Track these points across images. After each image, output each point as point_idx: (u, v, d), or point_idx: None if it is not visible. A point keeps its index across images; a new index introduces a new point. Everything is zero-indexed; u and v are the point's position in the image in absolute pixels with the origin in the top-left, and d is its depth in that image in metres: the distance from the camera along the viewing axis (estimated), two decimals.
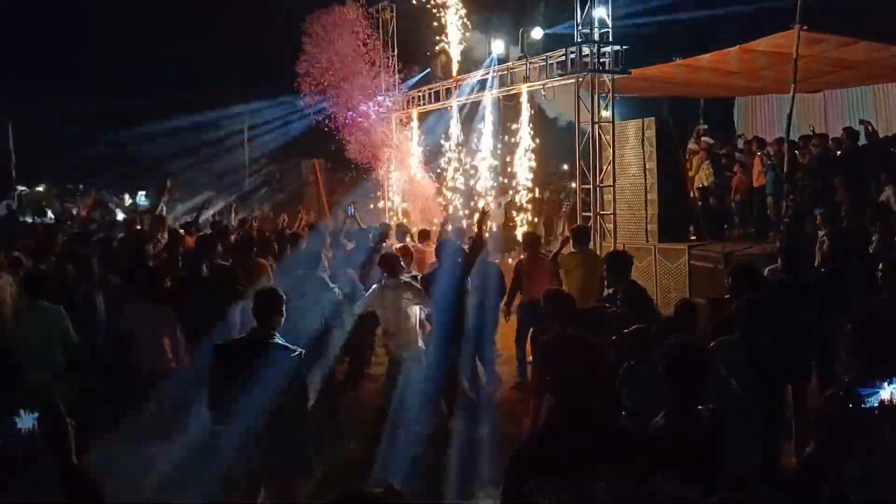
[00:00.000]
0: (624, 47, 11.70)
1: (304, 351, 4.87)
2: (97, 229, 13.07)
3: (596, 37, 11.43)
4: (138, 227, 12.59)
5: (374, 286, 7.57)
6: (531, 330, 8.43)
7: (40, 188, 24.94)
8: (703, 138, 14.16)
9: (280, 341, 4.77)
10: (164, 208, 13.55)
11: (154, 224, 12.04)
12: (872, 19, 12.99)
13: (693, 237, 11.90)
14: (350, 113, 15.62)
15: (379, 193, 17.15)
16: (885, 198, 10.43)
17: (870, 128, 12.47)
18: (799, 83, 10.91)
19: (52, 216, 17.07)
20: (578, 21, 11.53)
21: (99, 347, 7.49)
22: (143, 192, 23.04)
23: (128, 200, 21.65)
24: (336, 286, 7.89)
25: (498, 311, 9.07)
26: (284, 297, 5.02)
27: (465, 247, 9.39)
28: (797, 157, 12.09)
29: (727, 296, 6.15)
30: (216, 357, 4.87)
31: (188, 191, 19.14)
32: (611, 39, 11.55)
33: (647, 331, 5.13)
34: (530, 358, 8.67)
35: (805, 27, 10.15)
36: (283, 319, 4.88)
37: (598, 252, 10.68)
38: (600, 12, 11.35)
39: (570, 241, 9.05)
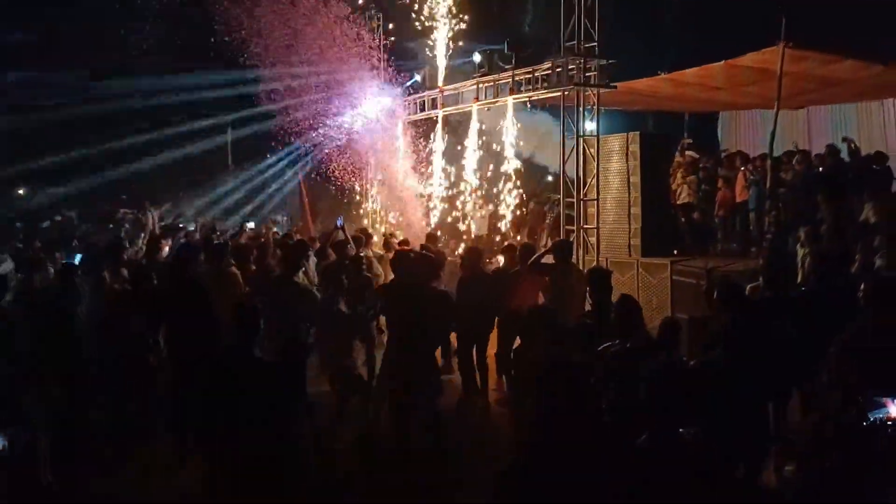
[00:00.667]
0: (609, 61, 11.71)
1: (283, 364, 4.83)
2: None
3: (582, 50, 11.43)
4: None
5: None
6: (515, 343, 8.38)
7: (21, 191, 24.69)
8: (687, 152, 14.20)
9: (259, 355, 4.73)
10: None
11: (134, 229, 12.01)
12: (856, 38, 13.09)
13: (676, 252, 11.91)
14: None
15: (362, 201, 17.14)
16: (866, 216, 10.47)
17: (853, 145, 12.53)
18: (783, 99, 10.99)
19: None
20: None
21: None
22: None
23: None
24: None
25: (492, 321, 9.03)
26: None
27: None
28: (780, 173, 12.15)
29: (709, 314, 6.15)
30: (196, 372, 4.81)
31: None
32: (596, 53, 11.56)
33: (631, 348, 5.10)
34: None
35: (790, 44, 10.22)
36: (260, 332, 4.83)
37: (582, 266, 10.67)
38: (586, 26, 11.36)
39: (552, 253, 9.01)
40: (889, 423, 3.53)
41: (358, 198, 17.42)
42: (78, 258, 10.55)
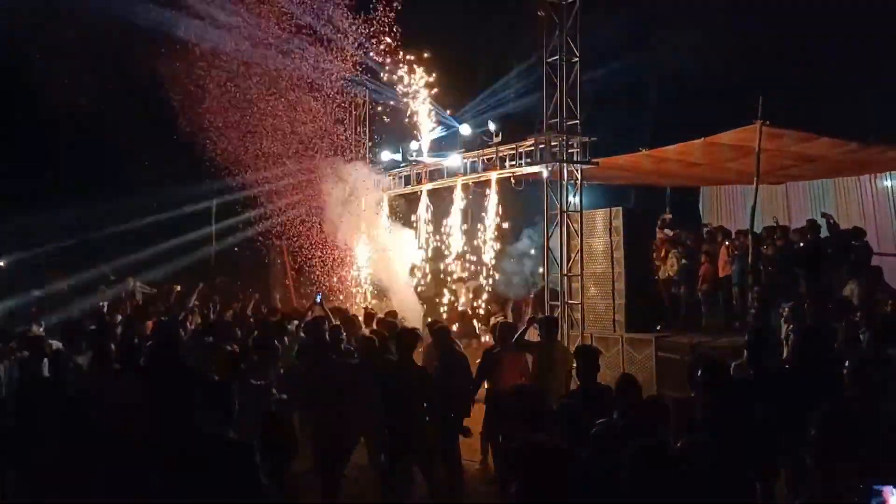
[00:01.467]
0: (591, 138, 11.88)
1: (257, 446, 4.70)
2: None
3: (564, 128, 11.60)
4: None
5: None
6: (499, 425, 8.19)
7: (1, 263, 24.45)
8: (665, 230, 14.31)
9: (233, 436, 4.61)
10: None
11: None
12: (831, 116, 13.40)
13: (660, 327, 11.89)
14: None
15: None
16: (849, 291, 10.52)
17: (831, 220, 12.67)
18: (762, 175, 11.16)
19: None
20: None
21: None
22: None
23: None
24: None
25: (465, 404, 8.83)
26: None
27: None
28: (762, 248, 12.24)
29: (693, 393, 6.09)
30: (173, 448, 4.68)
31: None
32: (579, 130, 11.74)
33: (617, 431, 5.01)
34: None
35: (767, 122, 10.44)
36: (235, 413, 4.72)
37: (567, 342, 10.62)
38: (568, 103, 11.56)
39: (536, 327, 8.93)
40: None
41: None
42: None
